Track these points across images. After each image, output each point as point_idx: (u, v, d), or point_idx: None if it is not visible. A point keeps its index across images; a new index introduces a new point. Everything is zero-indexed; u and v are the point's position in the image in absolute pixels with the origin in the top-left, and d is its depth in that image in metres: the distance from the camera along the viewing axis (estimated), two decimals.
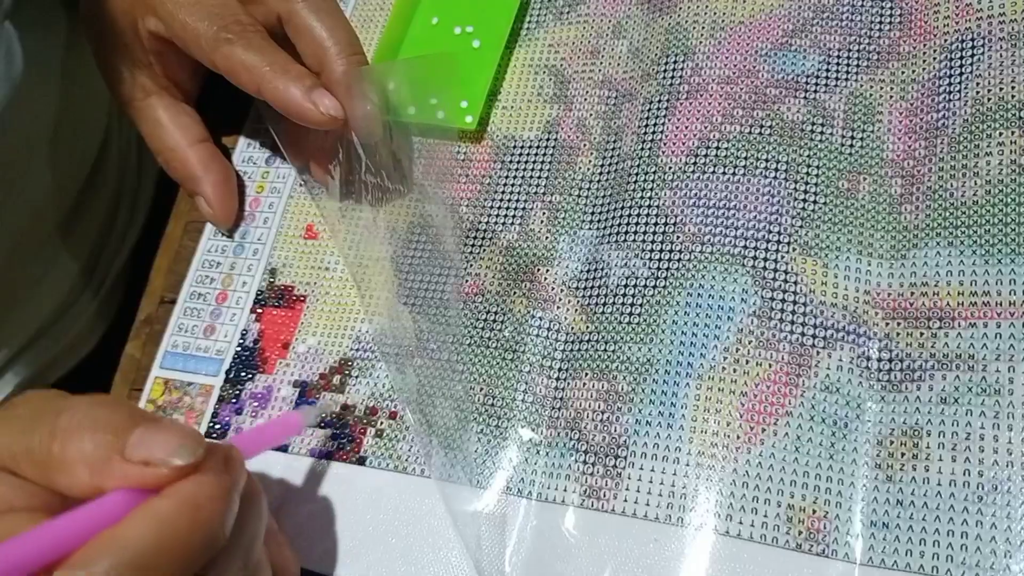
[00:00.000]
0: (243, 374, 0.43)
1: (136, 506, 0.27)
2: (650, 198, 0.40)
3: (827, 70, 0.40)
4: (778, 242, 0.37)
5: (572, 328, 0.39)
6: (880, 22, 0.40)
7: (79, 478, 0.27)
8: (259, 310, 0.44)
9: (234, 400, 0.42)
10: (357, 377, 0.41)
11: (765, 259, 0.37)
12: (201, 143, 0.47)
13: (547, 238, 0.42)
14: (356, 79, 0.41)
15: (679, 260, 0.38)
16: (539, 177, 0.43)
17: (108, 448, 0.27)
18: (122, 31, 0.44)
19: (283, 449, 0.40)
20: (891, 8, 0.41)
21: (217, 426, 0.42)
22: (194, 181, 0.46)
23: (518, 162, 0.44)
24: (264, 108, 0.46)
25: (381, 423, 0.40)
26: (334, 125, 0.40)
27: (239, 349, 0.44)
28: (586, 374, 0.38)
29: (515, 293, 0.41)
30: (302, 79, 0.39)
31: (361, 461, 0.39)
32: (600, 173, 0.42)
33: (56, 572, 0.25)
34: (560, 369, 0.39)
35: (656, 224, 0.39)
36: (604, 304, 0.39)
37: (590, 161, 0.43)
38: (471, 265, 0.42)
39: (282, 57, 0.40)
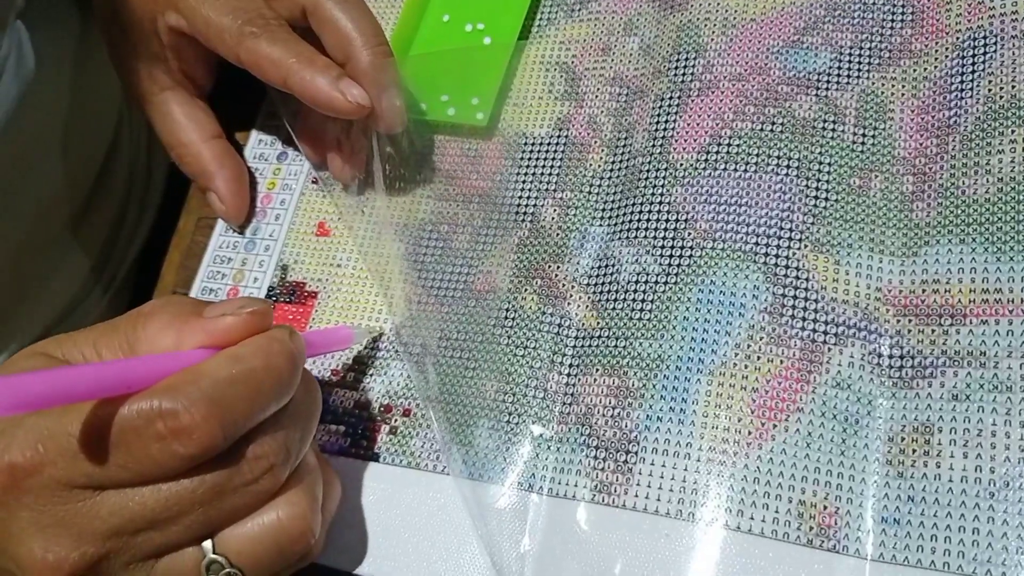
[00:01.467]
0: None
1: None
2: (661, 195, 0.40)
3: (839, 67, 0.40)
4: (789, 239, 0.37)
5: (583, 324, 0.39)
6: (892, 20, 0.40)
7: (162, 345, 0.30)
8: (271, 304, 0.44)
9: None
10: (371, 374, 0.41)
11: (776, 256, 0.37)
12: (215, 139, 0.47)
13: (558, 235, 0.42)
14: (382, 70, 0.41)
15: (690, 256, 0.38)
16: (550, 174, 0.43)
17: (188, 314, 0.31)
18: (139, 24, 0.44)
19: None
20: (903, 5, 0.41)
21: None
22: (207, 177, 0.46)
23: (529, 159, 0.44)
24: (280, 103, 0.47)
25: (395, 420, 0.40)
26: (361, 114, 0.40)
27: None
28: (597, 370, 0.38)
29: (526, 289, 0.41)
30: (329, 69, 0.40)
31: (375, 458, 0.39)
32: (611, 170, 0.42)
33: (140, 393, 0.28)
34: (571, 365, 0.39)
35: (667, 221, 0.39)
36: (615, 300, 0.39)
37: (601, 158, 0.43)
38: (482, 262, 0.42)
39: (307, 49, 0.40)
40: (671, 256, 0.39)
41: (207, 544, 0.30)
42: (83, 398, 0.26)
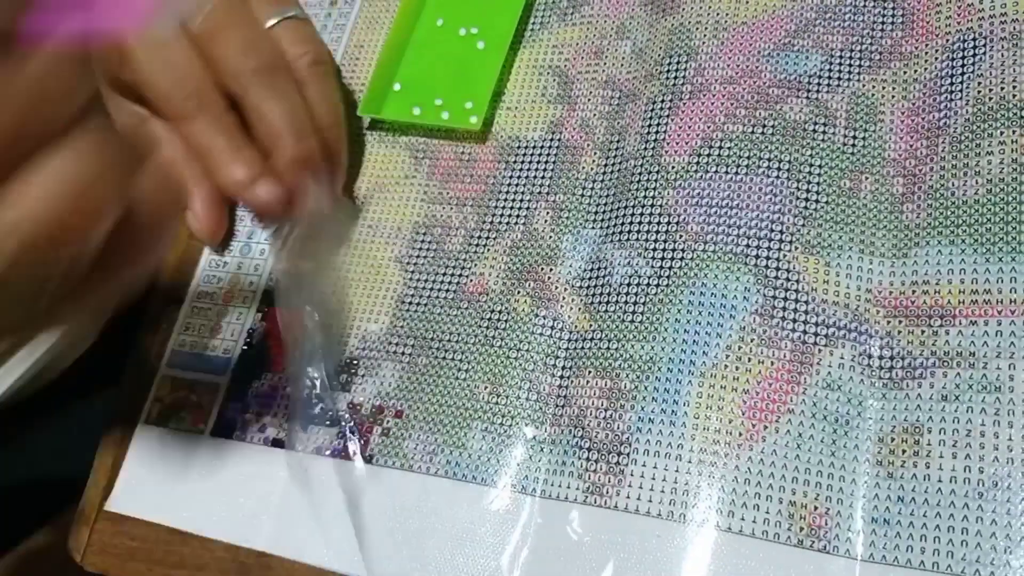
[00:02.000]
0: (250, 373, 0.43)
1: None
2: (653, 197, 0.40)
3: (829, 70, 0.41)
4: (780, 241, 0.38)
5: (575, 326, 0.39)
6: (882, 22, 0.41)
7: None
8: (265, 309, 0.45)
9: (241, 398, 0.43)
10: (363, 376, 0.41)
11: (767, 258, 0.37)
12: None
13: (551, 237, 0.42)
14: (303, 162, 0.41)
15: (682, 259, 0.39)
16: (543, 177, 0.43)
17: None
18: (107, 72, 0.43)
19: (289, 447, 0.41)
20: (893, 8, 0.41)
21: (224, 424, 0.42)
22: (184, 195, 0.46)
23: (522, 162, 0.44)
24: None
25: (387, 421, 0.40)
26: (274, 211, 0.41)
27: (245, 348, 0.44)
28: (589, 372, 0.38)
29: (519, 292, 0.41)
30: (250, 163, 0.40)
31: (368, 459, 0.40)
32: (603, 173, 0.42)
33: None
34: (564, 367, 0.39)
35: (659, 223, 0.40)
36: (607, 303, 0.39)
37: (593, 161, 0.43)
38: (475, 264, 0.42)
39: (235, 137, 0.41)
40: (663, 259, 0.39)
41: None
42: None
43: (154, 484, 0.42)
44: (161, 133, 0.46)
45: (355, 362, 0.42)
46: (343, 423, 0.41)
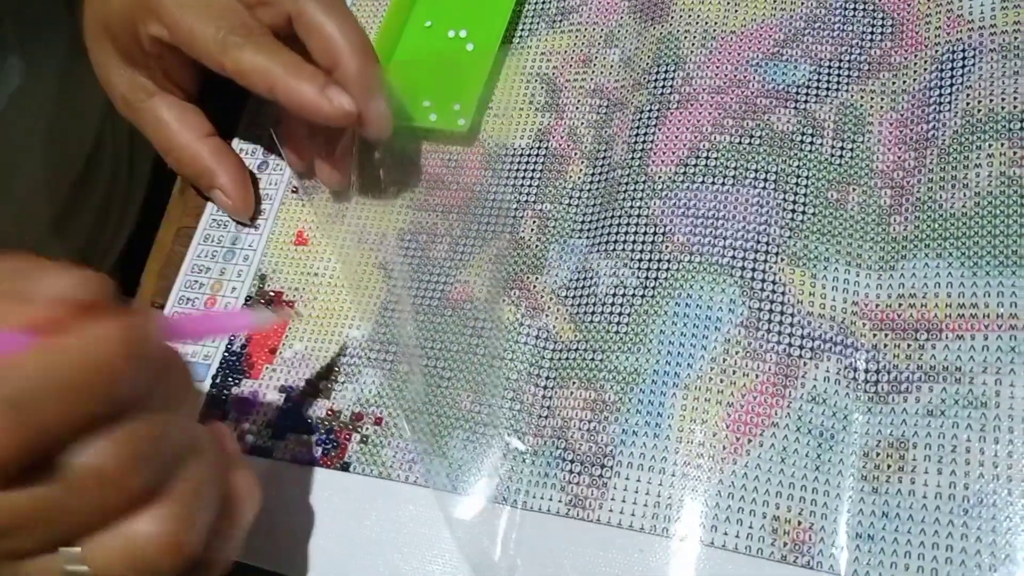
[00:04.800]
0: (230, 379, 0.43)
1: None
2: (639, 207, 0.40)
3: (818, 80, 0.40)
4: (766, 252, 0.37)
5: (560, 336, 0.39)
6: (871, 33, 0.40)
7: None
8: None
9: (220, 405, 0.42)
10: (343, 383, 0.41)
11: (753, 269, 0.37)
12: (209, 137, 0.47)
13: (537, 246, 0.41)
14: (369, 75, 0.40)
15: (667, 270, 0.38)
16: (530, 185, 0.43)
17: (8, 295, 0.26)
18: (120, 35, 0.43)
19: (266, 454, 0.40)
20: (882, 19, 0.41)
21: None
22: (209, 175, 0.46)
23: (509, 170, 0.44)
24: (266, 111, 0.46)
25: (366, 429, 0.40)
26: (349, 121, 0.39)
27: (226, 354, 0.43)
28: (574, 383, 0.38)
29: (504, 301, 0.41)
30: (315, 77, 0.39)
31: (345, 467, 0.39)
32: (590, 182, 0.42)
33: None
34: (548, 378, 0.38)
35: (645, 233, 0.39)
36: (593, 313, 0.39)
37: (580, 170, 0.43)
38: (460, 272, 0.42)
39: (292, 57, 0.40)
40: (648, 269, 0.38)
41: (70, 552, 0.27)
42: None
43: None
44: (166, 115, 0.45)
45: (335, 368, 0.41)
46: (321, 430, 0.40)
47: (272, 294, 0.44)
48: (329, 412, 0.40)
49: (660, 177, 0.40)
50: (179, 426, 0.29)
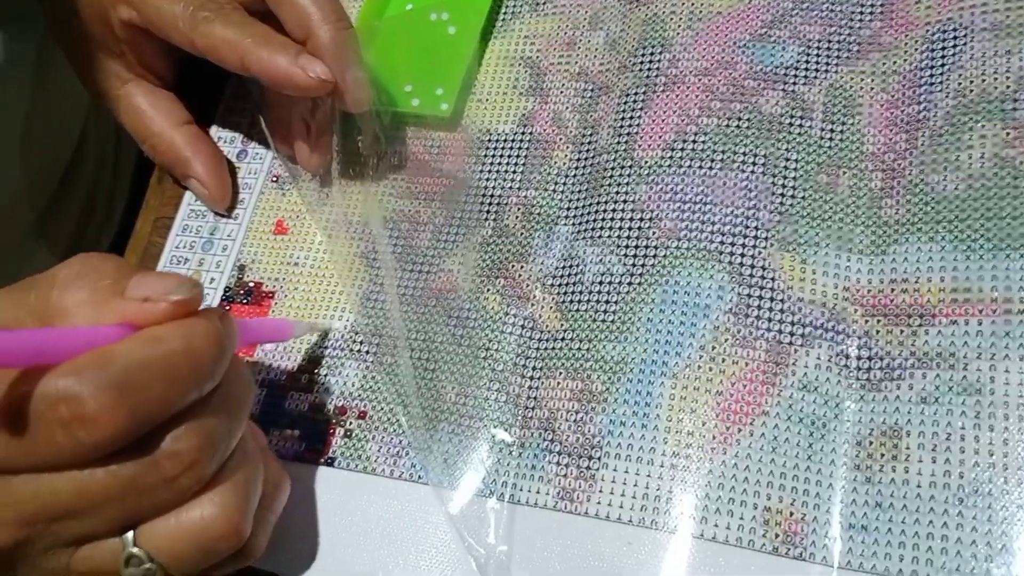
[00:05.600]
0: None
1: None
2: (626, 193, 0.39)
3: (806, 62, 0.39)
4: (755, 237, 0.36)
5: (547, 326, 0.38)
6: (861, 12, 0.40)
7: (78, 322, 0.28)
8: (227, 307, 0.43)
9: None
10: (326, 375, 0.40)
11: (742, 255, 0.36)
12: (185, 125, 0.45)
13: (522, 234, 0.41)
14: (344, 44, 0.39)
15: (655, 256, 0.37)
16: (514, 172, 0.42)
17: (107, 291, 0.28)
18: (91, 22, 0.42)
19: None
20: None
21: None
22: (183, 163, 0.45)
23: (493, 156, 0.43)
24: (255, 92, 0.45)
25: (350, 423, 0.39)
26: (324, 89, 0.38)
27: None
28: (560, 373, 0.37)
29: (489, 290, 0.40)
30: (287, 47, 0.38)
31: (330, 462, 0.38)
32: (576, 168, 0.41)
33: (47, 373, 0.26)
34: (534, 368, 0.38)
35: (632, 219, 0.38)
36: (579, 301, 0.38)
37: (566, 155, 0.42)
38: (444, 261, 0.41)
39: (263, 29, 0.39)
40: (635, 256, 0.38)
41: (128, 536, 0.29)
42: None
43: None
44: (141, 102, 0.45)
45: (317, 361, 0.41)
46: (304, 425, 0.39)
47: (251, 285, 0.43)
48: (312, 406, 0.40)
49: (646, 162, 0.39)
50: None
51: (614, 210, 0.39)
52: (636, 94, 0.41)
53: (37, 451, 0.26)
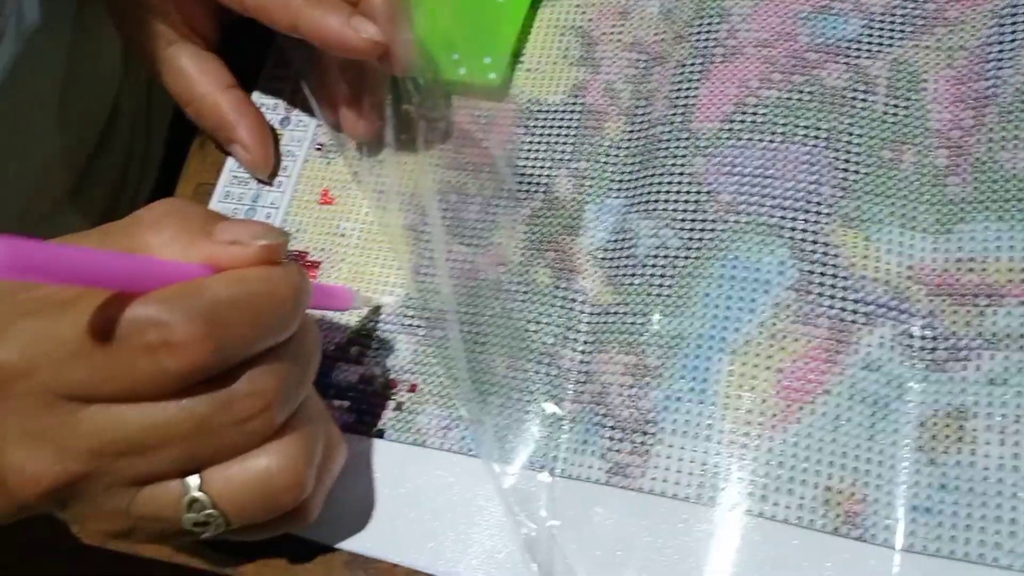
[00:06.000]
0: None
1: None
2: (682, 165, 0.38)
3: (869, 35, 0.39)
4: (817, 213, 0.36)
5: (598, 299, 0.38)
6: None
7: (165, 258, 0.28)
8: None
9: None
10: (376, 348, 0.40)
11: (804, 230, 0.36)
12: (231, 88, 0.45)
13: (572, 206, 0.40)
14: (395, 5, 0.39)
15: (712, 230, 0.37)
16: (564, 143, 0.42)
17: (195, 232, 0.29)
18: None
19: None
20: None
21: None
22: (228, 128, 0.44)
23: (542, 127, 0.42)
24: (298, 59, 0.45)
25: (400, 396, 0.38)
26: (376, 52, 0.38)
27: None
28: (613, 347, 0.36)
29: (539, 263, 0.39)
30: (339, 7, 0.38)
31: (379, 434, 0.38)
32: (629, 139, 0.40)
33: (136, 300, 0.26)
34: (586, 342, 0.37)
35: (688, 192, 0.38)
36: (632, 275, 0.37)
37: (618, 127, 0.41)
38: (492, 234, 0.40)
39: None
40: (692, 229, 0.37)
41: (192, 480, 0.29)
42: (82, 282, 0.25)
43: None
44: (186, 63, 0.44)
45: (367, 333, 0.40)
46: (354, 396, 0.39)
47: (296, 254, 0.43)
48: (362, 379, 0.39)
49: (704, 134, 0.38)
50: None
51: (669, 183, 0.38)
52: (693, 65, 0.40)
53: (118, 376, 0.26)
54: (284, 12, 0.38)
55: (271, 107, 0.48)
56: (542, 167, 0.41)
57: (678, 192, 0.38)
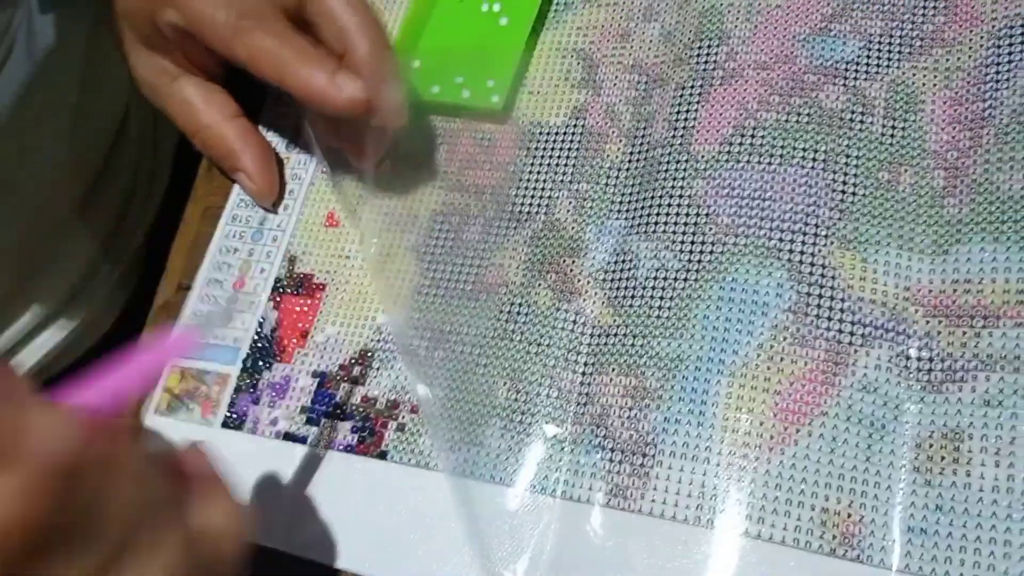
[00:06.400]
0: (260, 363, 0.42)
1: None
2: (681, 187, 0.39)
3: (868, 57, 0.39)
4: (815, 235, 0.36)
5: (599, 321, 0.38)
6: (924, 7, 0.39)
7: None
8: (277, 298, 0.43)
9: (251, 390, 0.41)
10: (378, 369, 0.40)
11: (802, 252, 0.36)
12: (236, 118, 0.45)
13: (573, 228, 0.40)
14: (382, 61, 0.39)
15: (711, 252, 0.37)
16: (566, 165, 0.42)
17: None
18: (139, 24, 0.43)
19: (300, 441, 0.39)
20: None
21: (234, 416, 0.41)
22: (233, 156, 0.45)
23: (544, 149, 0.43)
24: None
25: (403, 417, 0.39)
26: (359, 109, 0.38)
27: (256, 338, 0.43)
28: (613, 369, 0.37)
29: (540, 285, 0.40)
30: (324, 63, 0.38)
31: (382, 455, 0.38)
32: (629, 161, 0.41)
33: None
34: (586, 364, 0.37)
35: (688, 214, 0.38)
36: (632, 297, 0.38)
37: (619, 149, 0.41)
38: (494, 255, 0.41)
39: (302, 42, 0.39)
40: (691, 251, 0.37)
41: None
42: None
43: None
44: (191, 95, 0.45)
45: (370, 354, 0.41)
46: (356, 417, 0.39)
47: (302, 276, 0.43)
48: (364, 399, 0.40)
49: (703, 156, 0.39)
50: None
51: (669, 205, 0.38)
52: (693, 87, 0.40)
53: None
54: (272, 64, 0.38)
55: (278, 131, 0.48)
56: (543, 189, 0.42)
57: (678, 214, 0.38)
